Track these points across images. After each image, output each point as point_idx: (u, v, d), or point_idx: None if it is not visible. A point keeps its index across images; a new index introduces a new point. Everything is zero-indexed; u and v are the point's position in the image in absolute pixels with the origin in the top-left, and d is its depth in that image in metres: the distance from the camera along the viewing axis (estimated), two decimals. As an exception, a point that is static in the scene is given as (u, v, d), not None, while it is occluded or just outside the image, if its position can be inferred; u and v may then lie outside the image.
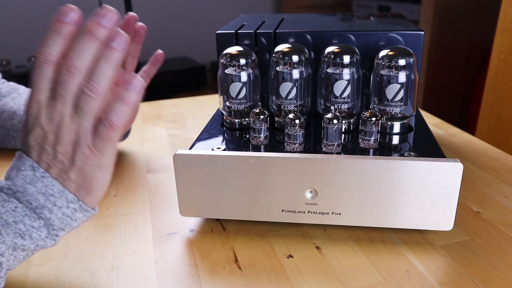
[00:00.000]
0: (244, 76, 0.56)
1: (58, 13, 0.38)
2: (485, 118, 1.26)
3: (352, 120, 0.57)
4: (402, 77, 0.53)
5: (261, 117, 0.53)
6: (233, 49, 0.57)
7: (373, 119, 0.51)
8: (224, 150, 0.51)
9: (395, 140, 0.55)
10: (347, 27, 0.64)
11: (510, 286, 0.43)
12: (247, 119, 0.58)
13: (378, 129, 0.52)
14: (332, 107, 0.55)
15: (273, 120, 0.58)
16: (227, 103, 0.58)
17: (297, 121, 0.51)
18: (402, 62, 0.53)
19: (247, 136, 0.56)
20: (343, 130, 0.56)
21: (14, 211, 0.38)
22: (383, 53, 0.54)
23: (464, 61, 1.79)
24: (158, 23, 2.42)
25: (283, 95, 0.56)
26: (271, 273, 0.45)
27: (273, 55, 0.56)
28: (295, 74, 0.55)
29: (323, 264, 0.46)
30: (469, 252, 0.48)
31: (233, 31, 0.61)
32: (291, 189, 0.48)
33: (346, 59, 0.54)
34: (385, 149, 0.53)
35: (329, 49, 0.55)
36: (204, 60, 2.52)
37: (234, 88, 0.57)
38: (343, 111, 0.56)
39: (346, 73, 0.54)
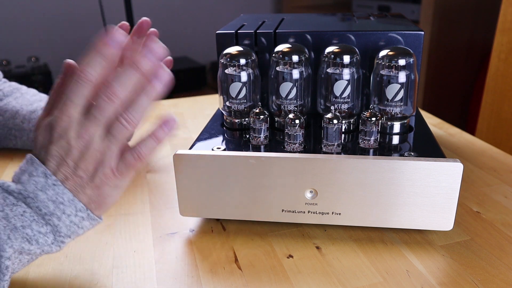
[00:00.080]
0: (244, 76, 0.56)
1: (105, 34, 0.38)
2: (485, 118, 1.26)
3: (352, 120, 0.57)
4: (402, 77, 0.53)
5: (261, 117, 0.53)
6: (233, 49, 0.57)
7: (373, 119, 0.51)
8: (224, 150, 0.51)
9: (395, 140, 0.55)
10: (347, 27, 0.64)
11: (510, 286, 0.43)
12: (247, 119, 0.58)
13: (378, 129, 0.52)
14: (332, 107, 0.55)
15: (273, 120, 0.58)
16: (227, 103, 0.58)
17: (297, 121, 0.51)
18: (402, 62, 0.53)
19: (247, 136, 0.56)
20: (343, 130, 0.56)
21: (22, 216, 0.38)
22: (383, 53, 0.54)
23: (464, 61, 1.79)
24: (158, 23, 2.40)
25: (283, 95, 0.56)
26: (271, 273, 0.45)
27: (273, 55, 0.56)
28: (295, 74, 0.55)
29: (323, 264, 0.46)
30: (469, 252, 0.48)
31: (233, 31, 0.61)
32: (291, 189, 0.48)
33: (346, 59, 0.54)
34: (385, 149, 0.53)
35: (329, 49, 0.55)
36: (204, 60, 2.52)
37: (234, 88, 0.57)
38: (343, 111, 0.56)
39: (346, 73, 0.54)
